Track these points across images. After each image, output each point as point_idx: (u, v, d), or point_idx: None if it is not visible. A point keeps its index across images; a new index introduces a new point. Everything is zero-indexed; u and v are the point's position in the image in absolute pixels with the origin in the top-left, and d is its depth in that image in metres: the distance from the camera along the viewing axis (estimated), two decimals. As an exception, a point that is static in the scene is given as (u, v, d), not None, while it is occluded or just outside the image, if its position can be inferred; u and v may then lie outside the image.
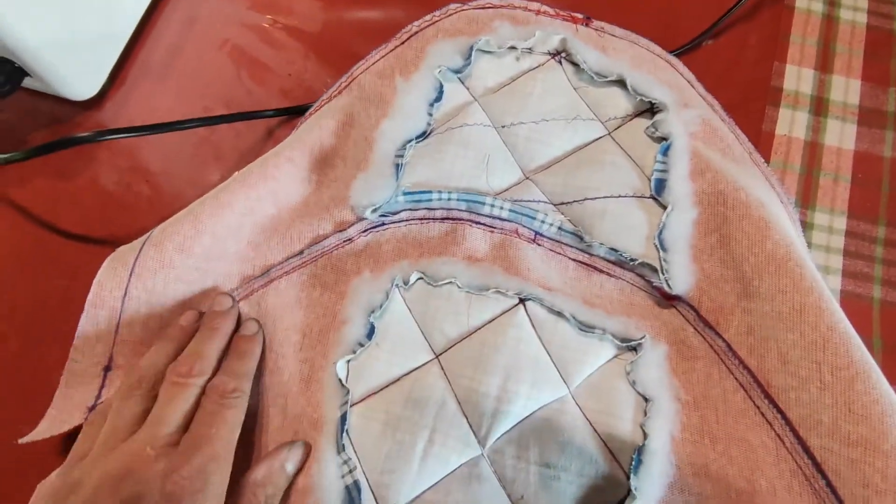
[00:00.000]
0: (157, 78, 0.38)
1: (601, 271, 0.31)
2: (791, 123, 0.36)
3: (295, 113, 0.36)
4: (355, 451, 0.27)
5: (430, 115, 0.32)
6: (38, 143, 0.32)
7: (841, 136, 0.36)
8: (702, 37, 0.37)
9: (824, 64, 0.37)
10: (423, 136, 0.32)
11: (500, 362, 0.28)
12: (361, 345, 0.29)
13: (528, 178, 0.33)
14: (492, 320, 0.29)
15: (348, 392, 0.28)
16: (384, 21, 0.39)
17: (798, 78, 0.37)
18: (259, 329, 0.29)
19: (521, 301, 0.29)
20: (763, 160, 0.32)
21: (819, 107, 0.36)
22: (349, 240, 0.31)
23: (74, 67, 0.35)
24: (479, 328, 0.29)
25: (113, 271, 0.29)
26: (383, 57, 0.35)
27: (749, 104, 0.36)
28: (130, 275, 0.28)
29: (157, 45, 0.39)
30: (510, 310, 0.29)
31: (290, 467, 0.26)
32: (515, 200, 0.31)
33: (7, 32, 0.30)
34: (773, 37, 0.38)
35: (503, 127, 0.33)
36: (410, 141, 0.32)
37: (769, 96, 0.36)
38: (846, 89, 0.37)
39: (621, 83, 0.33)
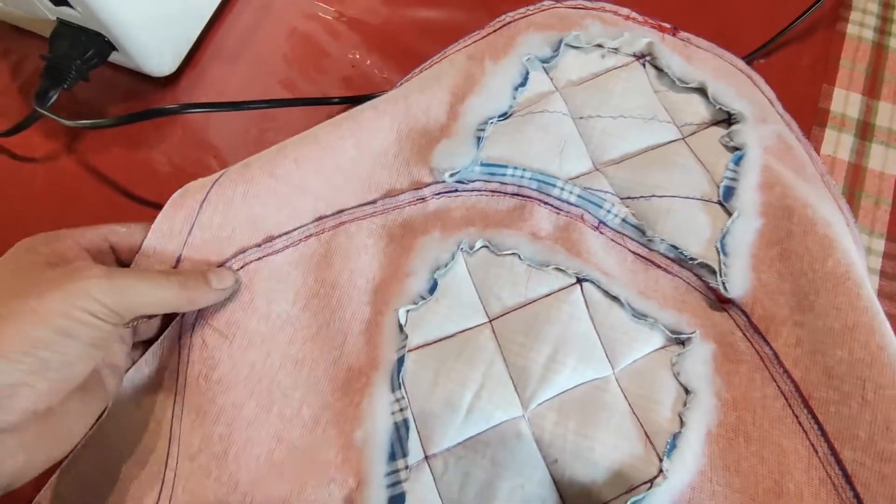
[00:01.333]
0: (228, 60, 0.40)
1: (658, 266, 0.32)
2: (836, 145, 0.37)
3: (359, 102, 0.38)
4: (406, 394, 0.29)
5: (514, 98, 0.34)
6: (115, 115, 0.34)
7: (884, 160, 0.37)
8: (754, 54, 0.39)
9: (872, 90, 0.38)
10: (505, 116, 0.34)
11: (551, 334, 0.30)
12: (423, 297, 0.30)
13: (598, 169, 0.34)
14: (548, 295, 0.31)
15: (406, 337, 0.29)
16: (444, 20, 0.41)
17: (846, 102, 0.38)
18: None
19: (579, 281, 0.31)
20: (835, 183, 0.33)
21: (864, 131, 0.37)
22: (422, 199, 0.33)
23: (158, 45, 0.37)
24: (535, 300, 0.31)
25: (199, 182, 0.31)
26: (475, 42, 0.37)
27: (797, 123, 0.37)
28: (213, 184, 0.31)
29: (232, 29, 0.41)
30: (567, 287, 0.31)
31: (215, 281, 0.29)
32: (584, 188, 0.33)
33: (103, 7, 0.33)
34: (824, 60, 0.39)
35: (581, 118, 0.35)
36: (493, 118, 0.33)
37: (816, 117, 0.38)
38: (892, 116, 0.38)
39: (701, 91, 0.35)
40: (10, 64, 0.40)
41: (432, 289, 0.31)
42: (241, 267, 0.31)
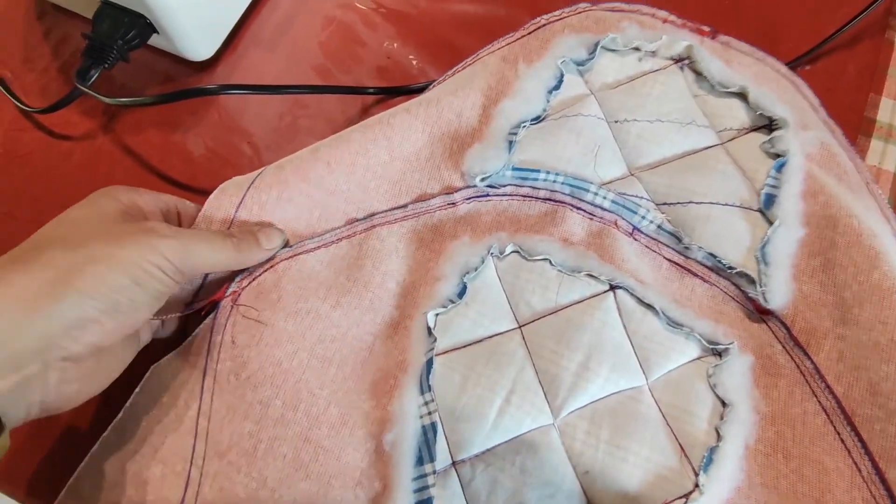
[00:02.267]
0: (266, 47, 0.41)
1: (695, 275, 0.31)
2: (882, 155, 0.36)
3: (393, 93, 0.38)
4: (433, 396, 0.28)
5: (548, 101, 0.34)
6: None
7: (931, 172, 0.35)
8: (798, 60, 0.37)
9: (920, 100, 0.37)
10: (538, 119, 0.34)
11: (583, 341, 0.29)
12: (452, 301, 0.30)
13: (633, 174, 0.33)
14: (580, 301, 0.30)
15: (435, 340, 0.29)
16: (482, 14, 0.41)
17: (892, 112, 0.37)
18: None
19: (612, 288, 0.30)
20: (881, 192, 0.32)
21: (910, 142, 0.36)
22: (453, 204, 0.33)
23: (199, 29, 0.37)
24: (566, 306, 0.30)
25: (236, 183, 0.31)
26: (509, 44, 0.37)
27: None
28: (249, 187, 0.31)
29: (270, 16, 0.42)
30: (600, 294, 0.30)
31: (265, 241, 0.30)
32: (619, 193, 0.32)
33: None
34: (871, 68, 0.38)
35: (616, 122, 0.34)
36: (526, 122, 0.33)
37: (862, 126, 0.36)
38: (939, 127, 0.36)
39: (741, 96, 0.34)
40: (51, 43, 0.41)
41: (462, 293, 0.30)
42: (271, 267, 0.31)
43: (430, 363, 0.29)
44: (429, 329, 0.30)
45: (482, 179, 0.32)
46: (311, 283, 0.31)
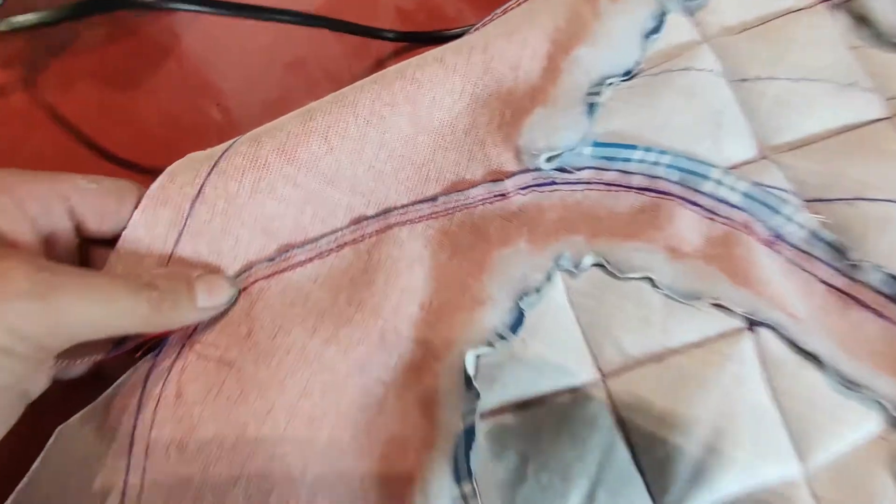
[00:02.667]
0: None
1: (864, 306, 0.21)
2: None
3: (419, 40, 0.28)
4: (476, 485, 0.18)
5: (643, 49, 0.24)
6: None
7: None
8: None
9: None
10: (629, 75, 0.24)
11: (707, 407, 0.19)
12: (502, 337, 0.20)
13: (766, 156, 0.23)
14: (699, 344, 0.20)
15: (478, 396, 0.19)
16: None
17: None
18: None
19: (751, 325, 0.20)
20: None
21: None
22: (502, 195, 0.23)
23: None
24: (678, 351, 0.20)
25: (190, 163, 0.22)
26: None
27: None
28: (211, 171, 0.21)
29: None
30: (731, 334, 0.20)
31: (203, 297, 0.20)
32: (754, 183, 0.22)
33: None
34: None
35: (742, 81, 0.24)
36: (612, 78, 0.23)
37: None
38: None
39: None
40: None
41: (516, 324, 0.20)
42: (243, 289, 0.22)
43: (470, 433, 0.19)
44: (467, 378, 0.20)
45: (548, 160, 0.22)
46: (297, 310, 0.21)
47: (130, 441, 0.19)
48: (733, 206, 0.22)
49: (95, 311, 0.17)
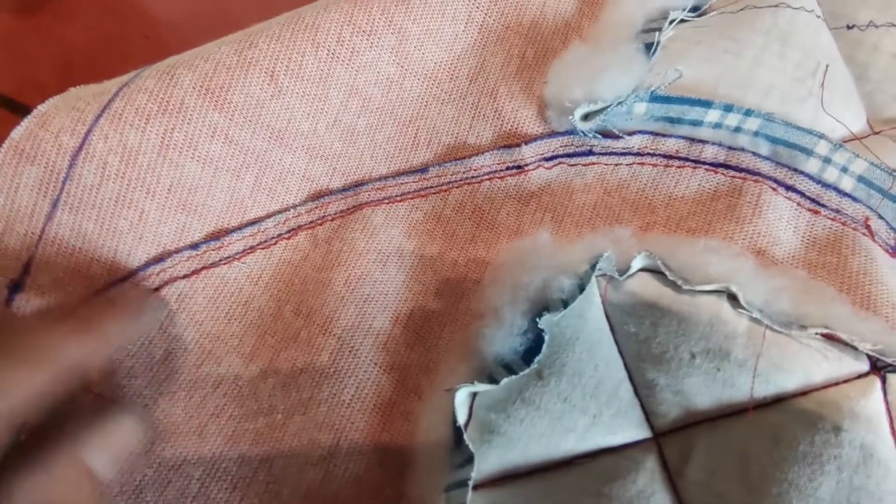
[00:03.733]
0: None
1: None
2: None
3: None
4: None
5: (718, -25, 0.17)
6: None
7: None
8: None
9: None
10: (698, 10, 0.17)
11: (819, 494, 0.13)
12: (509, 369, 0.14)
13: (878, 131, 0.17)
14: (802, 393, 0.14)
15: (471, 460, 0.13)
16: None
17: None
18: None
19: (877, 370, 0.14)
20: None
21: None
22: (518, 168, 0.17)
23: None
24: (770, 403, 0.14)
25: (73, 102, 0.15)
26: None
27: None
28: (101, 114, 0.15)
29: None
30: (850, 381, 0.14)
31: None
32: (871, 164, 0.15)
33: None
34: None
35: (847, 28, 0.18)
36: (676, 12, 0.17)
37: None
38: None
39: None
40: None
41: (531, 351, 0.14)
42: (157, 288, 0.15)
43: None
44: (457, 429, 0.13)
45: (585, 118, 0.16)
46: (232, 327, 0.15)
47: None
48: (845, 194, 0.15)
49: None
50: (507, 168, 0.17)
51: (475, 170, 0.17)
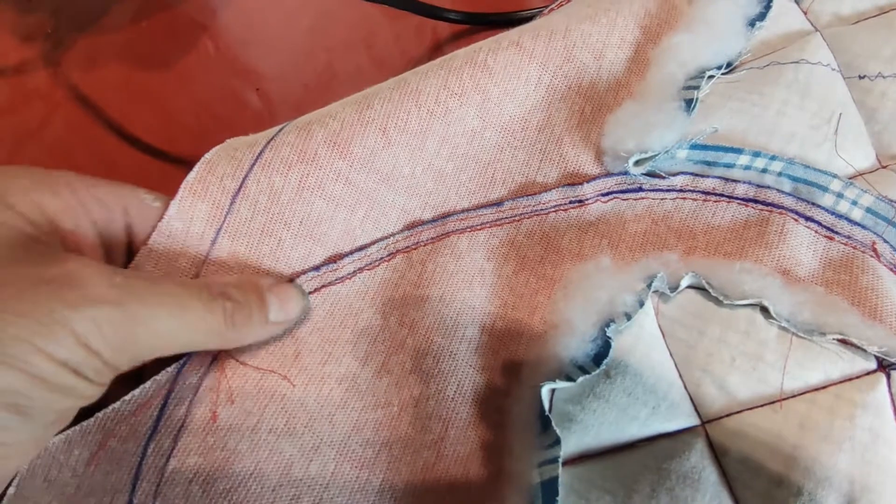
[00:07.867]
0: None
1: None
2: None
3: (485, 23, 0.25)
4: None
5: (747, 38, 0.21)
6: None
7: None
8: None
9: None
10: (731, 67, 0.21)
11: (837, 468, 0.16)
12: (583, 370, 0.17)
13: (885, 165, 0.20)
14: (822, 387, 0.17)
15: (557, 442, 0.16)
16: None
17: None
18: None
19: (884, 368, 0.17)
20: None
21: None
22: (580, 202, 0.20)
23: None
24: (797, 395, 0.17)
25: (231, 152, 0.19)
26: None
27: None
28: (254, 163, 0.18)
29: None
30: (860, 377, 0.17)
31: (275, 311, 0.17)
32: (879, 196, 0.19)
33: None
34: None
35: (859, 78, 0.21)
36: (711, 70, 0.20)
37: None
38: None
39: None
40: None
41: (600, 355, 0.17)
42: None
43: (549, 489, 0.16)
44: (544, 418, 0.17)
45: (637, 163, 0.19)
46: (347, 334, 0.18)
47: (136, 473, 0.16)
48: (855, 223, 0.19)
49: (169, 322, 0.15)
50: (570, 202, 0.20)
51: (543, 204, 0.21)
